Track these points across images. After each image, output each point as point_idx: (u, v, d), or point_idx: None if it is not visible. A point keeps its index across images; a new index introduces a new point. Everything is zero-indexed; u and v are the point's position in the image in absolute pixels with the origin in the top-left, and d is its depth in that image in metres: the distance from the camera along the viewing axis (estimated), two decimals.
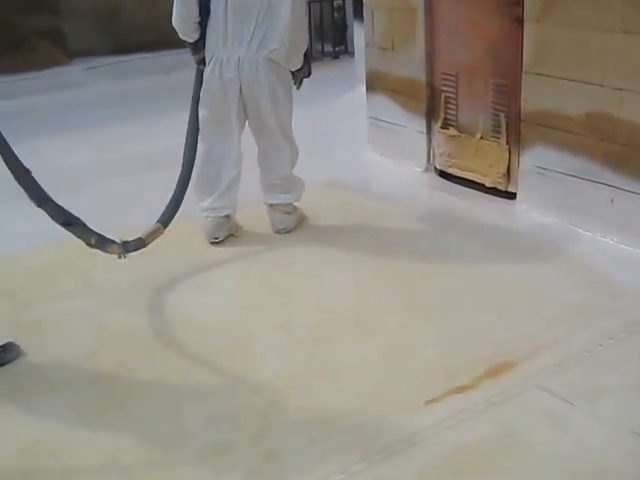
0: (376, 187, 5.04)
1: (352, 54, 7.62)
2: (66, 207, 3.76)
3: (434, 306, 3.50)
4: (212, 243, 4.17)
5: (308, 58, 4.23)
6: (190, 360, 3.19)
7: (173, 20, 3.98)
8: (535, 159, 4.24)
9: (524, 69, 4.17)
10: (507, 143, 4.41)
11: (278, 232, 4.27)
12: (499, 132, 4.44)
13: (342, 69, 7.68)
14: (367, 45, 5.33)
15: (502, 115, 4.41)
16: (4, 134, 3.08)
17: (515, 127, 4.34)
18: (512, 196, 4.44)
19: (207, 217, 4.18)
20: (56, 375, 3.12)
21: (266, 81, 3.98)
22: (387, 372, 3.04)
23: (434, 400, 2.84)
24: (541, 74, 4.08)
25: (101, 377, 3.10)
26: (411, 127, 5.04)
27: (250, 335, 3.34)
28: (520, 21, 4.14)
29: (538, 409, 2.78)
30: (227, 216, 4.20)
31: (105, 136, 6.14)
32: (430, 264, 3.87)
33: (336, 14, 8.87)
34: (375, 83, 5.31)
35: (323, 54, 8.68)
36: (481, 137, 4.57)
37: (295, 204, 4.35)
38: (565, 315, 3.35)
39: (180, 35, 4.05)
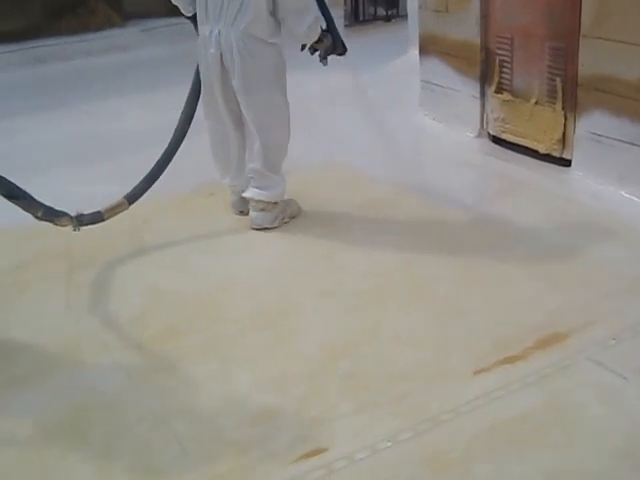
0: (428, 152, 4.97)
1: (404, 17, 7.52)
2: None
3: (485, 275, 3.45)
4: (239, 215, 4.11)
5: (333, 31, 3.80)
6: (237, 325, 3.19)
7: None
8: (591, 125, 4.13)
9: (582, 32, 4.05)
10: (563, 108, 4.30)
11: (253, 229, 3.98)
12: (554, 97, 4.34)
13: (394, 32, 7.57)
14: (420, 7, 5.24)
15: (558, 80, 4.30)
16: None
17: (571, 92, 4.22)
18: (567, 163, 4.34)
19: (232, 192, 4.12)
20: (107, 336, 3.16)
21: (238, 59, 3.66)
22: (436, 340, 3.01)
23: (483, 370, 2.81)
24: (600, 37, 3.96)
25: (151, 340, 3.12)
26: (464, 91, 4.95)
27: (297, 301, 3.34)
28: None
29: (589, 382, 2.73)
30: None
31: (160, 98, 6.13)
32: (481, 232, 3.82)
33: None
34: (428, 46, 5.23)
35: (375, 17, 8.55)
36: (536, 102, 4.47)
37: (277, 200, 3.97)
38: (620, 286, 3.28)
39: (180, 10, 3.90)
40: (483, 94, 4.85)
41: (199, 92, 3.93)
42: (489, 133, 4.87)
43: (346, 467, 2.42)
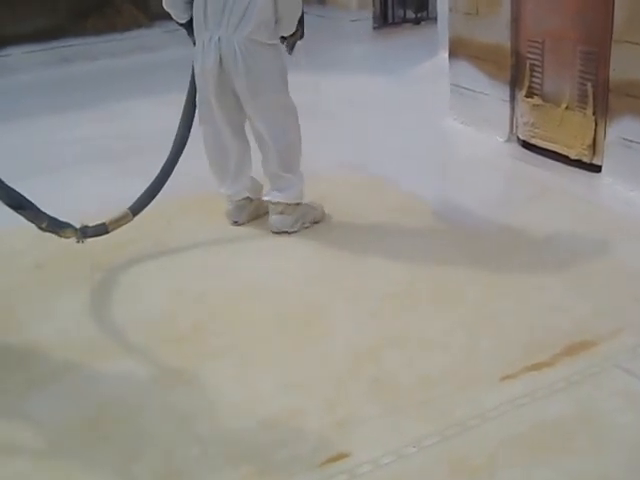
0: (457, 156, 4.95)
1: (434, 19, 7.50)
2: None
3: (514, 280, 3.42)
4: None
5: (302, 21, 3.81)
6: (261, 327, 3.19)
7: (163, 1, 3.76)
8: (622, 131, 4.09)
9: (614, 37, 4.01)
10: (593, 114, 4.26)
11: (273, 232, 3.93)
12: (585, 102, 4.30)
13: (424, 35, 7.54)
14: (451, 10, 5.21)
15: (589, 84, 4.27)
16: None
17: (602, 97, 4.19)
18: (597, 169, 4.30)
19: (228, 200, 4.04)
20: (129, 337, 3.17)
21: (243, 65, 3.62)
22: (464, 344, 2.99)
23: (511, 376, 2.78)
24: (632, 42, 3.92)
25: (173, 341, 3.12)
26: (494, 95, 4.92)
27: (323, 304, 3.32)
28: None
29: (618, 390, 2.69)
30: (247, 198, 4.03)
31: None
32: (511, 237, 3.79)
33: None
34: (458, 49, 5.20)
35: (404, 20, 8.52)
36: (566, 107, 4.43)
37: (296, 203, 3.91)
38: None
39: (173, 17, 3.83)
40: (513, 98, 4.82)
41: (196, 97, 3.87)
42: (519, 138, 4.84)
43: (371, 472, 2.40)
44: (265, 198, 3.95)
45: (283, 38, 3.79)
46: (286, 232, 3.89)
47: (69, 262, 3.73)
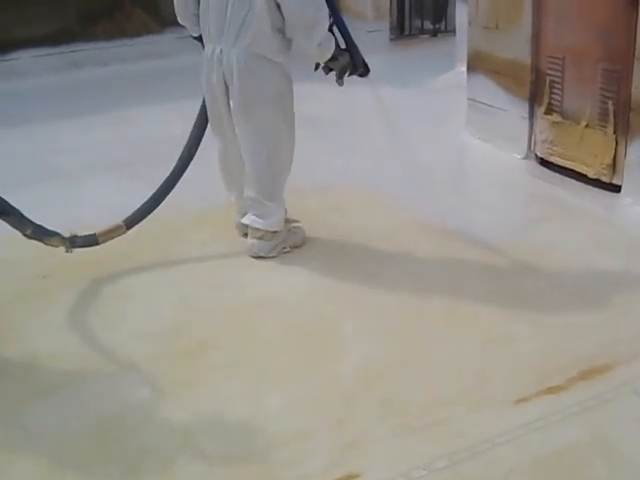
0: (472, 172, 4.90)
1: (452, 31, 7.46)
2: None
3: (530, 301, 3.36)
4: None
5: (352, 48, 3.59)
6: (272, 341, 3.14)
7: (178, 16, 3.73)
8: None
9: (637, 55, 3.96)
10: (614, 132, 4.20)
11: (250, 256, 3.79)
12: (606, 120, 4.24)
13: (441, 47, 7.50)
14: (470, 23, 5.16)
15: (610, 103, 4.21)
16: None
17: (624, 116, 4.13)
18: (616, 189, 4.23)
19: (237, 212, 3.93)
20: (136, 349, 3.12)
21: (237, 78, 3.49)
22: (477, 367, 2.94)
23: (524, 399, 2.73)
24: None
25: (180, 354, 3.08)
26: (513, 111, 4.87)
27: (333, 321, 3.27)
28: (634, 3, 3.92)
29: (634, 417, 2.64)
30: None
31: (196, 106, 6.12)
32: (527, 257, 3.72)
33: None
34: (476, 63, 5.15)
35: (422, 31, 8.49)
36: (586, 125, 4.37)
37: (274, 230, 3.76)
38: None
39: (188, 30, 3.77)
40: (532, 115, 4.76)
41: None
42: (537, 155, 4.78)
43: None
44: (243, 221, 3.81)
45: (329, 68, 3.58)
46: (262, 257, 3.76)
47: (74, 273, 3.68)
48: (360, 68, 3.63)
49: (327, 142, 3.87)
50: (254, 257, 3.78)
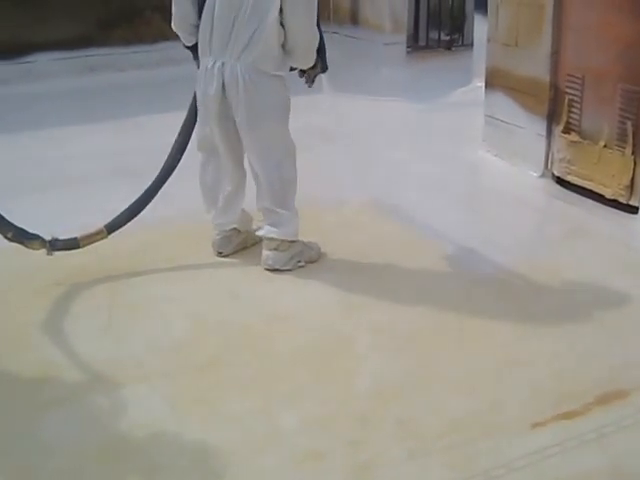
0: (488, 189, 4.88)
1: (468, 45, 7.45)
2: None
3: (545, 323, 3.34)
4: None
5: (323, 53, 3.67)
6: (286, 358, 3.12)
7: (172, 23, 3.74)
8: None
9: None
10: (632, 153, 4.18)
11: (265, 269, 3.78)
12: (625, 141, 4.22)
13: (458, 60, 7.49)
14: (489, 40, 5.15)
15: (629, 123, 4.19)
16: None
17: None
18: (634, 210, 4.20)
19: (216, 231, 3.93)
20: (148, 361, 3.10)
21: (244, 93, 3.52)
22: (492, 389, 2.91)
23: (540, 424, 2.69)
24: None
25: (192, 369, 3.05)
26: (530, 129, 4.85)
27: (348, 338, 3.25)
28: None
29: None
30: (235, 230, 3.92)
31: None
32: (542, 278, 3.69)
33: (452, 2, 8.59)
34: (494, 80, 5.14)
35: (439, 44, 8.45)
36: (605, 145, 4.35)
37: (291, 240, 3.75)
38: None
39: (181, 39, 3.78)
40: (550, 133, 4.74)
41: (194, 121, 3.79)
42: (553, 174, 4.75)
43: None
44: (259, 233, 3.81)
45: (302, 72, 3.69)
46: (278, 270, 3.75)
47: (88, 280, 3.68)
48: (325, 68, 3.74)
49: (332, 154, 3.86)
50: (270, 270, 3.76)
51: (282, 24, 3.47)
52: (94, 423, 2.76)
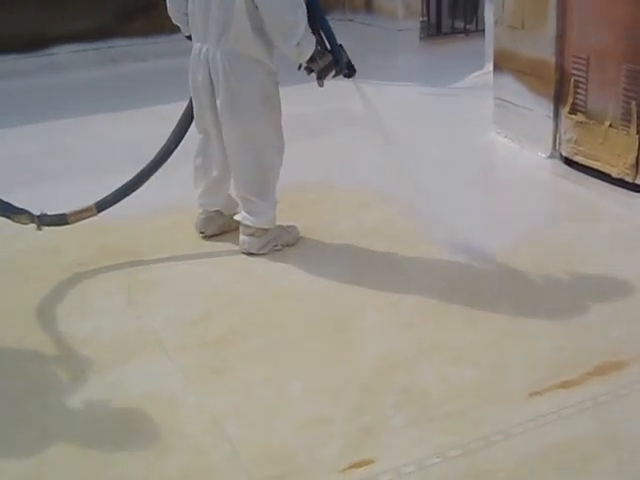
0: (497, 170, 4.96)
1: (482, 31, 7.46)
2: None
3: (548, 297, 3.42)
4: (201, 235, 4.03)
5: (335, 50, 3.55)
6: (294, 332, 3.24)
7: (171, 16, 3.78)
8: None
9: None
10: (637, 133, 4.23)
11: (242, 253, 3.85)
12: (629, 121, 4.27)
13: (472, 46, 7.50)
14: (496, 23, 5.20)
15: (633, 103, 4.23)
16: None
17: None
18: (639, 188, 4.27)
19: (199, 208, 4.00)
20: (167, 336, 3.23)
21: (223, 78, 3.52)
22: (494, 359, 3.00)
23: (538, 393, 2.78)
24: None
25: (209, 342, 3.18)
26: (538, 111, 4.90)
27: (356, 312, 3.36)
28: None
29: None
30: (218, 212, 3.98)
31: None
32: (547, 254, 3.77)
33: None
34: (503, 63, 5.20)
35: (453, 30, 8.49)
36: (610, 125, 4.40)
37: (264, 228, 3.80)
38: None
39: (181, 30, 3.84)
40: (557, 114, 4.79)
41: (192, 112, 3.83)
42: (561, 154, 4.81)
43: None
44: (236, 218, 3.88)
45: (309, 69, 3.57)
46: (253, 254, 3.83)
47: (110, 260, 3.82)
48: (344, 69, 3.62)
49: (344, 138, 3.93)
50: (246, 254, 3.85)
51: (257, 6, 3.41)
52: (114, 391, 2.89)
